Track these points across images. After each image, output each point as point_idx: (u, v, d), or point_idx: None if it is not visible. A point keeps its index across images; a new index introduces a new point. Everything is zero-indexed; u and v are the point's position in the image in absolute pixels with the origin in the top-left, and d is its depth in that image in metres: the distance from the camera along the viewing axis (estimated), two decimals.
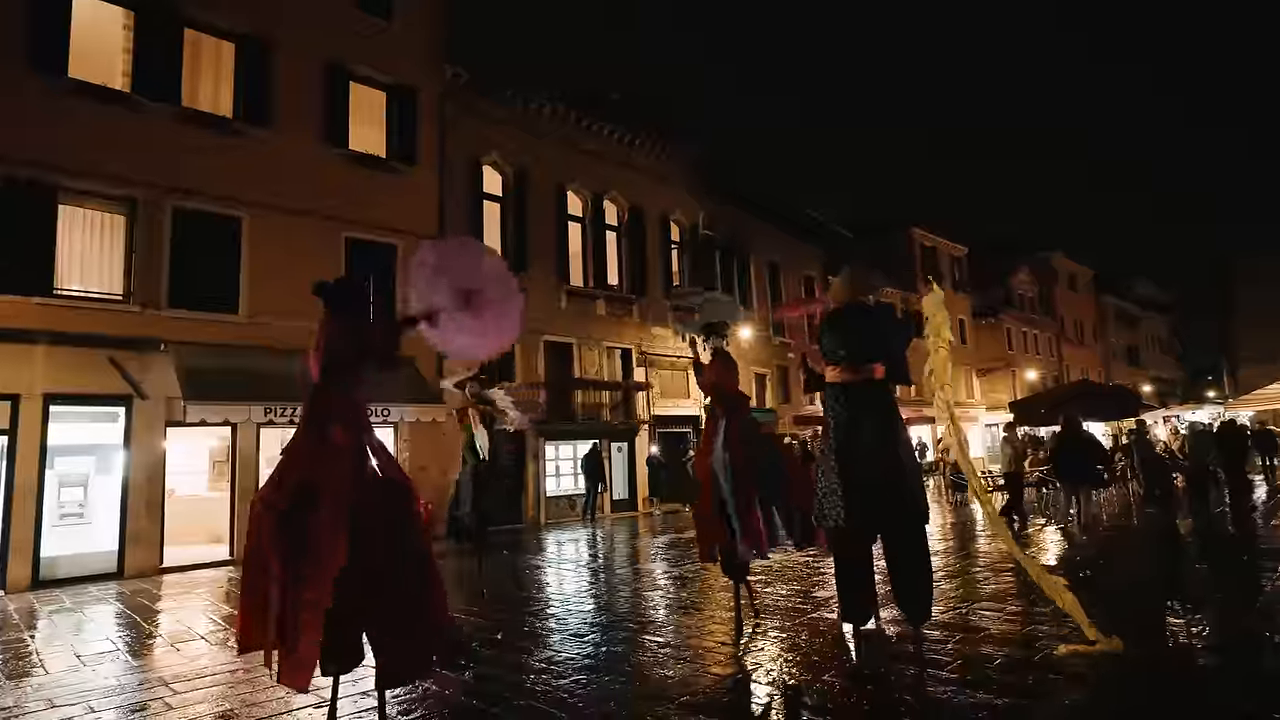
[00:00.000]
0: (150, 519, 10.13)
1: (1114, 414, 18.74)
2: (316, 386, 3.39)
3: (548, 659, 4.72)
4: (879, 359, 3.93)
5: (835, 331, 4.01)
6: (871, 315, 4.06)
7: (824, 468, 3.95)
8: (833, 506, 3.83)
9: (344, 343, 3.42)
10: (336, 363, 3.40)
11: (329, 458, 3.20)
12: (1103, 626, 4.21)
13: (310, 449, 3.26)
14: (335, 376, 3.39)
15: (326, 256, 12.20)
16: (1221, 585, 6.21)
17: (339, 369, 3.40)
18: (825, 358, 4.04)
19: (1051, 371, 37.25)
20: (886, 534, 3.87)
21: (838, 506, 3.80)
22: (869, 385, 3.89)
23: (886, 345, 3.97)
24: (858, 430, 3.81)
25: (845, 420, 3.86)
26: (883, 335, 3.98)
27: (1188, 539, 8.97)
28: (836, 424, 3.90)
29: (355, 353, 3.43)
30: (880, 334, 3.98)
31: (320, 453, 3.22)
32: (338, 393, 3.37)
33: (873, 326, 3.98)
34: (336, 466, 3.19)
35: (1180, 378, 52.16)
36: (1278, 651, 4.21)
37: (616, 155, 17.95)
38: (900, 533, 3.84)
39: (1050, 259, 40.10)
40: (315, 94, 12.44)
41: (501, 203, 15.58)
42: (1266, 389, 21.67)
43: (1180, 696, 3.58)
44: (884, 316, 4.13)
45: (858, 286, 4.18)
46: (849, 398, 3.90)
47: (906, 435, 3.98)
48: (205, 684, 4.51)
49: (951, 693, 3.64)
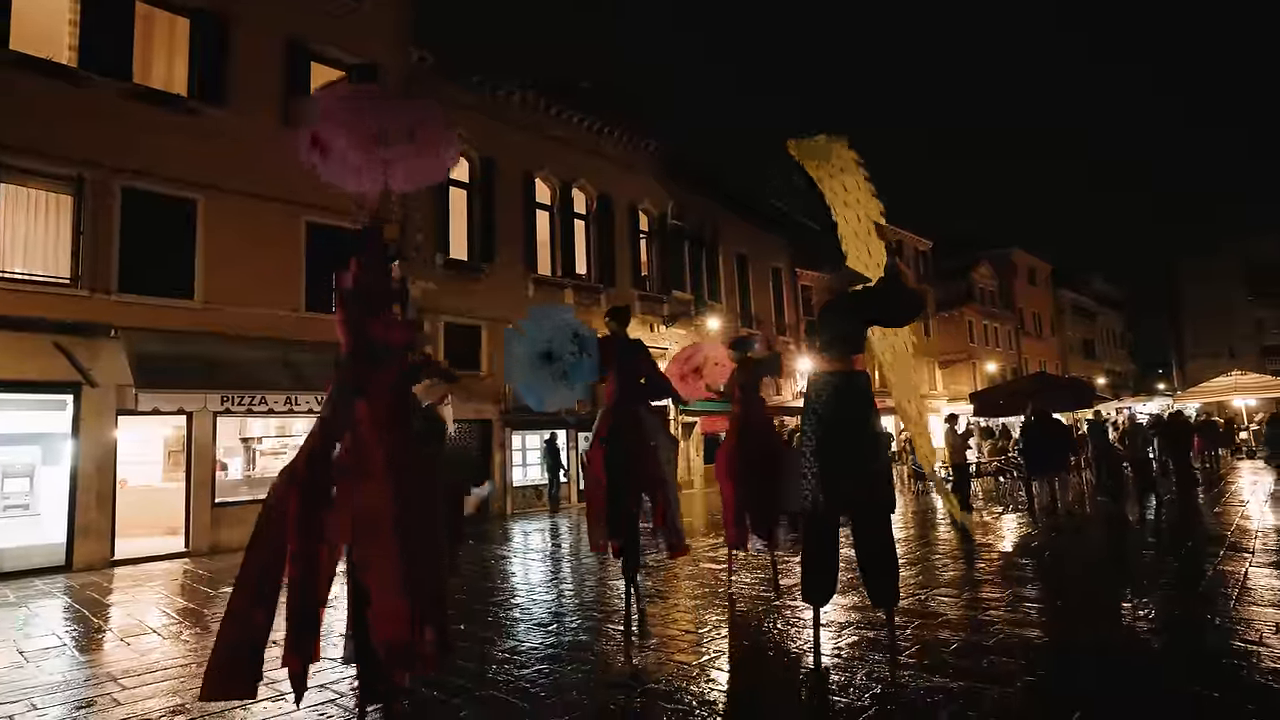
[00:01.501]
0: (100, 510, 9.80)
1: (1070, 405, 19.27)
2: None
3: (511, 649, 4.69)
4: (862, 350, 4.09)
5: (831, 324, 4.11)
6: (858, 300, 4.12)
7: (804, 455, 4.04)
8: (807, 490, 3.93)
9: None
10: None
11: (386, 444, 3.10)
12: (1054, 609, 4.31)
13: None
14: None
15: (286, 241, 11.92)
16: (1166, 570, 6.43)
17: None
18: (819, 350, 4.15)
19: (1011, 364, 38.16)
20: (856, 520, 3.98)
21: (812, 490, 3.90)
22: (849, 375, 4.00)
23: (882, 310, 4.09)
24: (835, 418, 3.92)
25: (824, 408, 3.97)
26: (872, 308, 4.09)
27: (1135, 526, 9.28)
28: (816, 411, 4.00)
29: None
30: (873, 309, 4.09)
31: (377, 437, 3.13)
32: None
33: (860, 311, 4.08)
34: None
35: (1132, 371, 53.93)
36: (1219, 633, 4.38)
37: (586, 143, 17.81)
38: (869, 519, 3.95)
39: (1010, 254, 41.02)
40: (275, 73, 12.07)
41: (468, 189, 15.35)
42: (1210, 383, 22.59)
43: (1129, 678, 3.69)
44: (866, 295, 4.14)
45: (839, 282, 4.29)
46: (830, 387, 4.01)
47: (881, 426, 4.09)
48: (155, 679, 4.38)
49: (909, 677, 3.71)
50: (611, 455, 5.12)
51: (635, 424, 5.21)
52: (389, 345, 3.33)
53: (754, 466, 5.86)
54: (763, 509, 5.94)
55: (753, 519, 6.03)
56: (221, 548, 10.50)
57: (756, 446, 5.92)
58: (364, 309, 3.30)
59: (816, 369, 4.14)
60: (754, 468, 5.86)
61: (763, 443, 6.00)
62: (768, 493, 5.82)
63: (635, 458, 5.12)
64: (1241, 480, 15.31)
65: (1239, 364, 33.92)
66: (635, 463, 5.12)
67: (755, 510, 5.98)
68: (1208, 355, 45.76)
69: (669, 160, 20.16)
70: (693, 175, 21.06)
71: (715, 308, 21.28)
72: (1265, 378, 22.84)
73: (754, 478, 5.86)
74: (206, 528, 10.57)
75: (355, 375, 3.22)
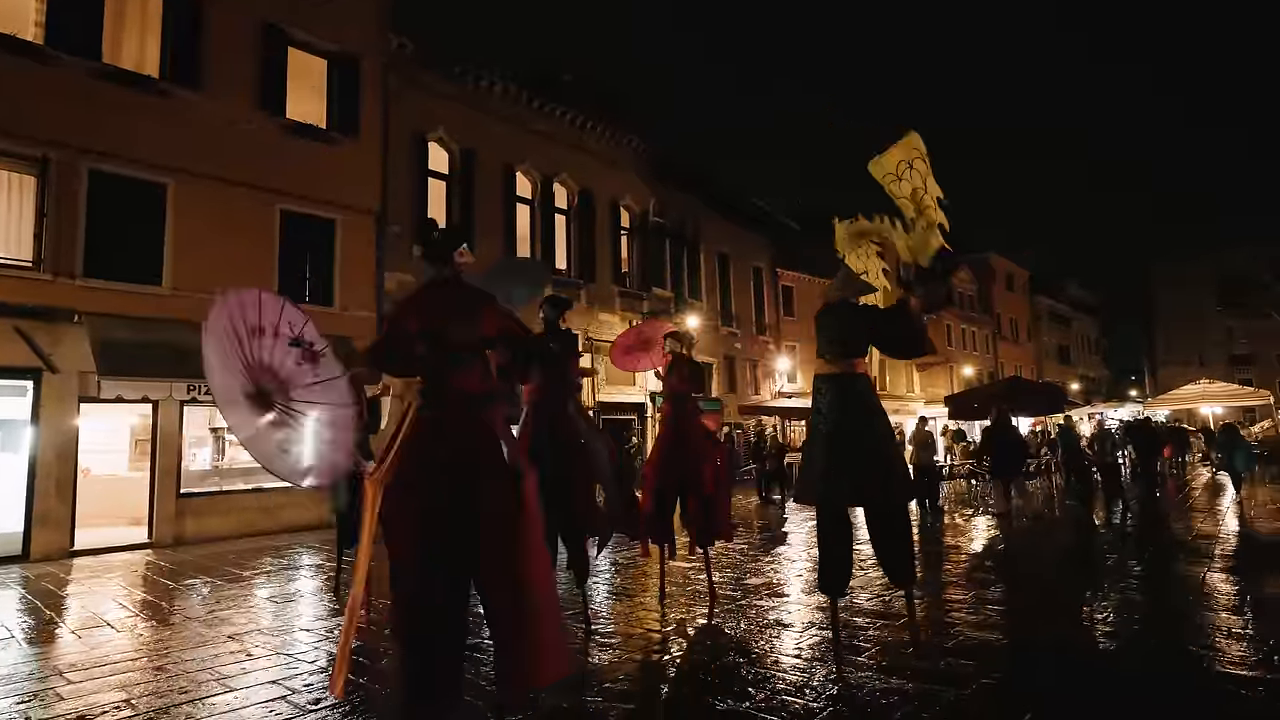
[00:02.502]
0: (60, 499, 9.58)
1: (1044, 409, 19.58)
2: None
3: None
4: (864, 354, 4.25)
5: (828, 326, 4.26)
6: (860, 314, 4.30)
7: (813, 451, 4.20)
8: (821, 487, 4.06)
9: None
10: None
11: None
12: (1016, 611, 4.34)
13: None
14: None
15: (259, 228, 11.71)
16: (1128, 573, 6.52)
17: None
18: (817, 351, 4.31)
19: (988, 368, 38.59)
20: (870, 510, 4.13)
21: (826, 486, 4.03)
22: (854, 377, 4.16)
23: (877, 335, 4.22)
24: (844, 417, 4.05)
25: (833, 408, 4.10)
26: (871, 329, 4.22)
27: (1102, 530, 9.40)
28: (825, 411, 4.13)
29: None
30: (867, 330, 4.22)
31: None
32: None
33: (860, 324, 4.23)
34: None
35: (1106, 377, 54.78)
36: (1175, 637, 4.43)
37: (568, 137, 17.71)
38: (885, 508, 4.10)
39: (989, 259, 41.44)
40: (250, 57, 11.85)
41: (447, 181, 15.20)
42: (1180, 390, 22.99)
43: (1084, 679, 3.72)
44: (871, 314, 4.35)
45: (849, 287, 4.46)
46: (837, 387, 4.14)
47: (888, 422, 4.24)
48: (104, 672, 4.27)
49: (867, 678, 3.71)
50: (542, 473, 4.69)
51: (566, 426, 4.83)
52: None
53: (672, 473, 5.44)
54: (661, 517, 5.51)
55: (651, 523, 5.53)
56: (186, 539, 10.32)
57: (679, 454, 5.46)
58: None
59: (819, 371, 4.29)
60: (672, 475, 5.44)
61: (687, 450, 5.50)
62: (668, 503, 5.49)
63: (570, 464, 4.71)
64: (1205, 486, 15.60)
65: (1208, 372, 34.65)
66: (570, 470, 4.69)
67: (656, 516, 5.52)
68: (1179, 362, 46.64)
69: (654, 158, 20.11)
70: (677, 173, 21.03)
71: (695, 305, 21.29)
72: (1232, 386, 23.32)
73: (670, 483, 5.45)
74: (171, 518, 10.38)
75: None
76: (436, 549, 2.63)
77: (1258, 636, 4.36)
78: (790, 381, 25.55)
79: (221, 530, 10.63)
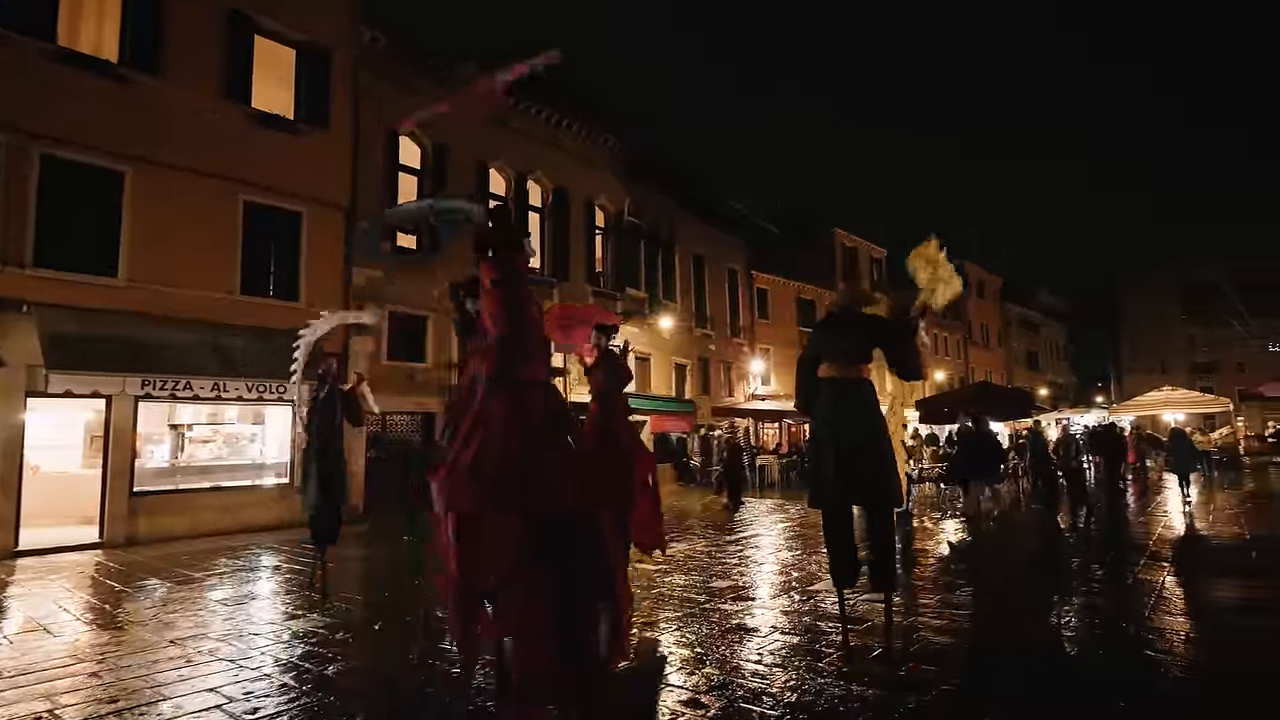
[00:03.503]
0: (4, 496, 9.19)
1: (1013, 414, 19.76)
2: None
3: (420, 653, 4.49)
4: (867, 361, 4.43)
5: (832, 333, 4.48)
6: (864, 323, 4.50)
7: (817, 453, 4.42)
8: (826, 486, 4.24)
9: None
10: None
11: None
12: (979, 615, 4.30)
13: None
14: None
15: (221, 220, 11.39)
16: (1090, 577, 6.55)
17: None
18: (822, 357, 4.47)
19: (959, 373, 39.07)
20: (869, 511, 4.28)
21: (830, 486, 4.21)
22: (858, 383, 4.34)
23: (883, 347, 4.44)
24: (846, 421, 4.22)
25: (836, 412, 4.27)
26: (875, 340, 4.44)
27: (1066, 533, 9.49)
28: (829, 415, 4.29)
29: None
30: (871, 339, 4.43)
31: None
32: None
33: (864, 333, 4.43)
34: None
35: (1073, 383, 55.75)
36: (1137, 640, 4.43)
37: (543, 135, 17.54)
38: (877, 511, 4.26)
39: (962, 266, 41.99)
40: (214, 44, 11.51)
41: (419, 176, 14.96)
42: (1144, 396, 23.42)
43: (1048, 683, 3.69)
44: (875, 324, 4.55)
45: (853, 296, 4.68)
46: (840, 392, 4.31)
47: (885, 427, 4.38)
48: (30, 680, 4.05)
49: (827, 684, 3.64)
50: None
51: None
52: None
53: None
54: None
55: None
56: (139, 539, 9.98)
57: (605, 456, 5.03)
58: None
59: (824, 374, 4.42)
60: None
61: (614, 453, 5.18)
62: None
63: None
64: (1166, 491, 15.88)
65: (1170, 379, 35.40)
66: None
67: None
68: (1144, 370, 47.62)
69: (631, 158, 20.01)
70: (654, 173, 20.96)
71: (669, 306, 21.23)
72: (1194, 393, 23.80)
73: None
74: (123, 517, 10.03)
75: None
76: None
77: (1211, 639, 4.37)
78: (764, 384, 25.60)
79: (177, 530, 10.31)
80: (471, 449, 2.71)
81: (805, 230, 31.11)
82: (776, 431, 26.45)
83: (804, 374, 4.66)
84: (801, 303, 28.70)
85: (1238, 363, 43.29)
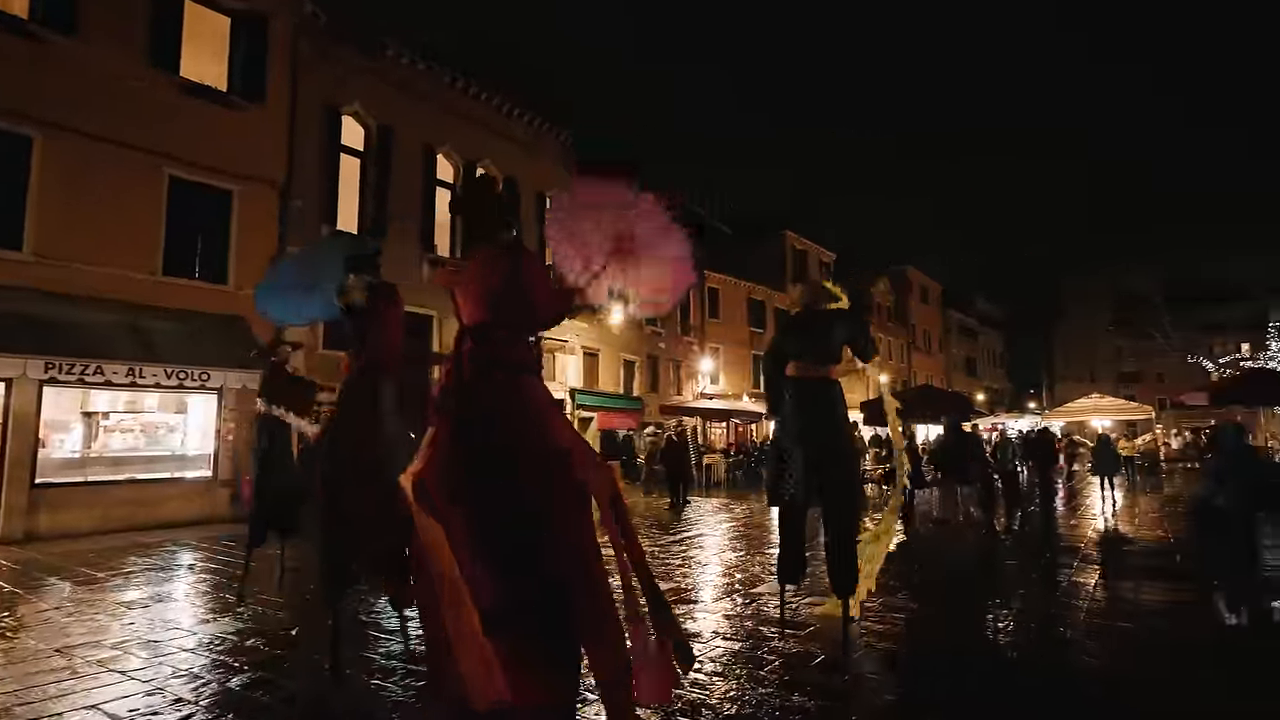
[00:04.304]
0: None
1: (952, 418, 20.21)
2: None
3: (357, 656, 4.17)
4: (834, 361, 4.42)
5: (796, 334, 4.48)
6: (828, 322, 4.48)
7: (779, 451, 4.38)
8: (786, 484, 4.24)
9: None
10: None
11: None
12: (920, 620, 4.23)
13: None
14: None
15: (143, 195, 10.68)
16: (1026, 582, 6.63)
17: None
18: (790, 358, 4.45)
19: (901, 376, 40.01)
20: (827, 516, 4.25)
21: (790, 484, 4.21)
22: (823, 382, 4.32)
23: (848, 340, 4.49)
24: (811, 420, 4.21)
25: (801, 411, 4.25)
26: (840, 336, 4.46)
27: (1003, 536, 9.66)
28: (793, 414, 4.28)
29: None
30: (836, 337, 4.44)
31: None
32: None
33: (829, 332, 4.42)
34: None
35: (1009, 389, 57.81)
36: (1071, 643, 4.44)
37: (494, 123, 17.10)
38: (837, 516, 4.22)
39: (905, 271, 43.00)
40: (139, 5, 10.76)
41: (362, 158, 14.37)
42: (1074, 403, 24.35)
43: (988, 687, 3.62)
44: (838, 320, 4.54)
45: (815, 295, 4.65)
46: (806, 391, 4.29)
47: (850, 427, 4.43)
48: None
49: (767, 695, 3.49)
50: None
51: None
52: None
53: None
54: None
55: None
56: (40, 534, 9.23)
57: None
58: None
59: (791, 374, 4.40)
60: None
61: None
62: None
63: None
64: (1095, 494, 16.46)
65: (1098, 387, 36.98)
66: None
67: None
68: (1074, 378, 49.72)
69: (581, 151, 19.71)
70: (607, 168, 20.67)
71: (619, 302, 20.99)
72: (1119, 401, 24.86)
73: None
74: (22, 511, 9.26)
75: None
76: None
77: (1139, 640, 4.41)
78: (713, 383, 25.65)
79: (84, 525, 9.58)
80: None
81: (757, 232, 31.34)
82: (725, 430, 26.55)
83: (773, 376, 4.64)
84: (752, 303, 28.89)
85: (1158, 373, 45.53)
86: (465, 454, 2.35)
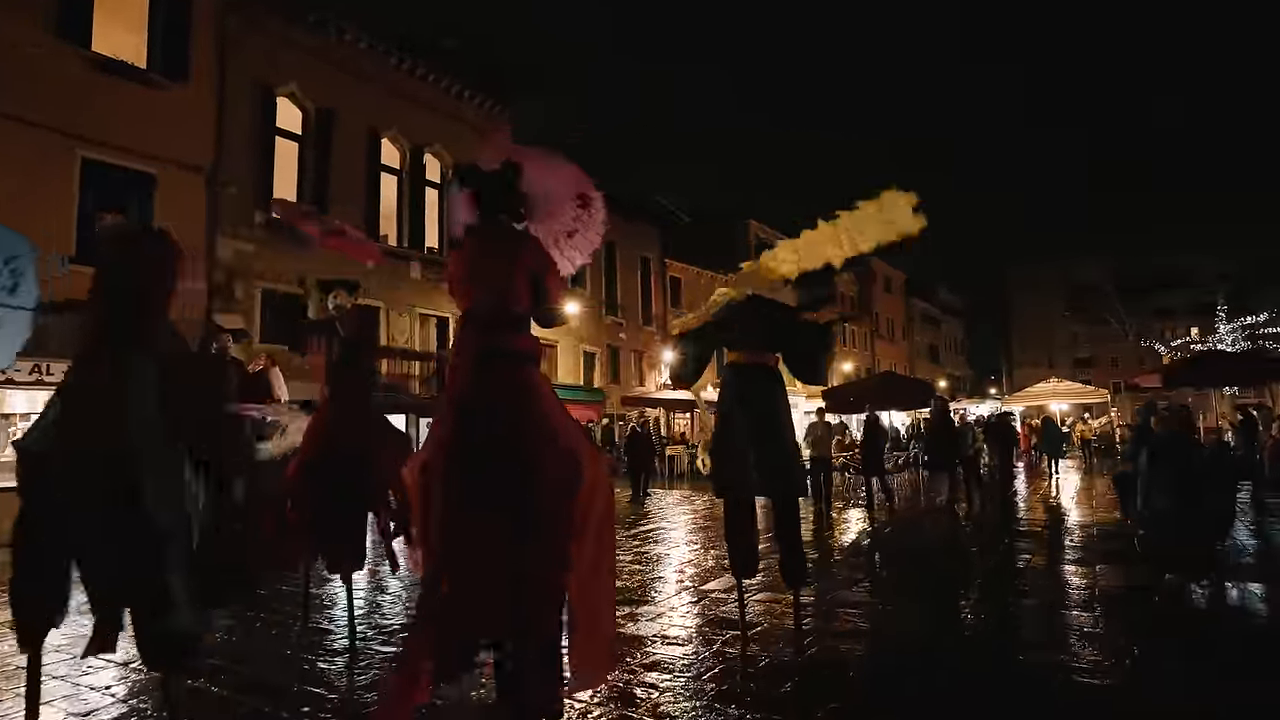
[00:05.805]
0: None
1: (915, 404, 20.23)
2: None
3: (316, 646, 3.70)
4: (776, 350, 4.27)
5: (740, 318, 4.28)
6: (775, 311, 4.34)
7: (721, 441, 4.20)
8: (730, 475, 4.09)
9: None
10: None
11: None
12: (875, 615, 3.91)
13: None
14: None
15: (51, 177, 9.92)
16: (986, 570, 6.40)
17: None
18: (729, 345, 4.31)
19: (865, 364, 40.23)
20: (776, 506, 4.17)
21: (735, 476, 4.06)
22: (764, 370, 4.18)
23: (790, 342, 4.33)
24: (751, 409, 4.05)
25: (741, 398, 4.09)
26: (785, 332, 4.31)
27: (963, 521, 9.49)
28: (734, 401, 4.12)
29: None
30: (781, 330, 4.30)
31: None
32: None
33: (774, 320, 4.28)
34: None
35: (970, 375, 58.73)
36: (1033, 630, 4.19)
37: (444, 107, 16.46)
38: (785, 506, 4.14)
39: (869, 261, 43.19)
40: None
41: (300, 141, 13.67)
42: (1032, 388, 24.64)
43: (947, 684, 3.31)
44: (789, 316, 4.41)
45: (758, 282, 4.45)
46: (746, 378, 4.15)
47: (791, 418, 4.27)
48: None
49: (700, 709, 3.12)
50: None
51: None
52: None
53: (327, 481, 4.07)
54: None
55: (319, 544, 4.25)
56: None
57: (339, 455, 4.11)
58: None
59: (733, 360, 4.24)
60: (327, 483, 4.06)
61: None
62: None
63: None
64: (1052, 477, 16.56)
65: (1055, 372, 37.63)
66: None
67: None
68: (1031, 363, 50.68)
69: (539, 138, 19.16)
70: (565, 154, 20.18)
71: (578, 292, 20.56)
72: (1077, 385, 25.20)
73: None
74: None
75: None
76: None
77: (1102, 632, 4.16)
78: None
79: None
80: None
81: (720, 221, 31.06)
82: (688, 421, 26.28)
83: (693, 344, 4.46)
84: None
85: (1113, 357, 46.59)
86: (469, 445, 2.35)
